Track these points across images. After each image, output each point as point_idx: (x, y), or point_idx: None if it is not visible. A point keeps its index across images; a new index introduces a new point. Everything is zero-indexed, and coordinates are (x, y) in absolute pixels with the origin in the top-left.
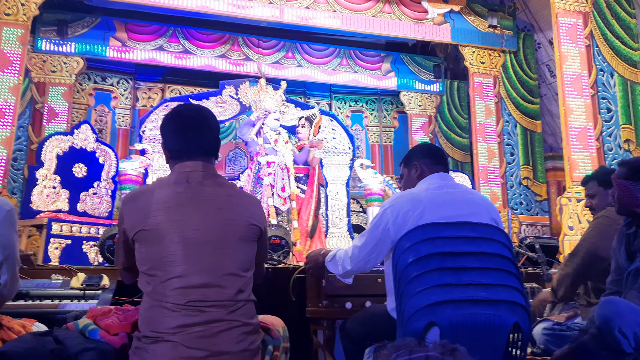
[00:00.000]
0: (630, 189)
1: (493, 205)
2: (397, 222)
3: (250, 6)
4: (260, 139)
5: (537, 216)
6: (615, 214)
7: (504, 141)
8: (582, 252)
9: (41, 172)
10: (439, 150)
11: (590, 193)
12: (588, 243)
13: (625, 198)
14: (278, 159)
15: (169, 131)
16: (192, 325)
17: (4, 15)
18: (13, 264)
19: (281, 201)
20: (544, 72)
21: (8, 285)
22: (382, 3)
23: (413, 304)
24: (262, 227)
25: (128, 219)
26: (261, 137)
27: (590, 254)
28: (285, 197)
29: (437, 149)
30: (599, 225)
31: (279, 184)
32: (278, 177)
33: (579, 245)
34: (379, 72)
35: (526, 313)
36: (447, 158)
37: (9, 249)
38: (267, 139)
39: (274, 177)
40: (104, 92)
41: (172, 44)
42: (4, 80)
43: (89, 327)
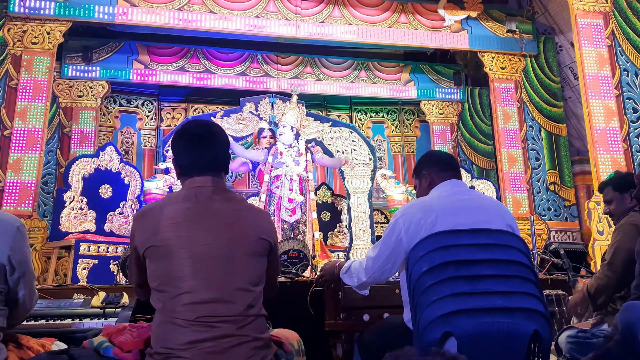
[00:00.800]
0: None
1: (508, 210)
2: (410, 232)
3: (267, 25)
4: (270, 157)
5: (566, 222)
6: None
7: (529, 146)
8: (619, 260)
9: (68, 194)
10: (447, 156)
11: (607, 199)
12: (624, 251)
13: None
14: (283, 170)
15: (178, 147)
16: (203, 341)
17: (30, 44)
18: (29, 279)
19: (288, 212)
20: (567, 74)
21: (27, 299)
22: (398, 14)
23: (428, 314)
24: (272, 241)
25: (138, 236)
26: (271, 156)
27: (627, 263)
28: (293, 207)
29: (445, 155)
30: (629, 232)
31: (285, 195)
32: (285, 189)
33: (614, 255)
34: (398, 82)
35: (546, 320)
36: (457, 163)
37: (24, 265)
38: (276, 154)
39: (282, 189)
40: (129, 114)
41: (193, 65)
42: (32, 106)
43: (103, 345)
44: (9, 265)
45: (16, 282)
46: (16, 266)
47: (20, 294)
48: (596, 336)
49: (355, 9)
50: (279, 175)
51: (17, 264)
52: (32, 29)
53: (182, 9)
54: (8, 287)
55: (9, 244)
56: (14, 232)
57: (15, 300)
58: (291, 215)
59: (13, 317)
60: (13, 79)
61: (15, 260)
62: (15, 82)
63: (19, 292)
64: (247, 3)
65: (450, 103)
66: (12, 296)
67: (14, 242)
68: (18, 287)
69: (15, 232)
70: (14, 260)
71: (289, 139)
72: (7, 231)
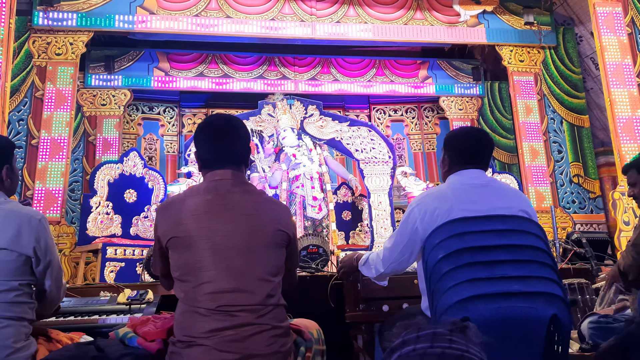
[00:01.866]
0: None
1: (525, 196)
2: (425, 220)
3: (283, 27)
4: (283, 165)
5: (592, 214)
6: None
7: (550, 139)
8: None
9: (94, 200)
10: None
11: (631, 182)
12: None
13: None
14: (301, 170)
15: (200, 141)
16: (224, 329)
17: (54, 55)
18: (56, 269)
19: (315, 210)
20: (589, 65)
21: (54, 289)
22: (413, 10)
23: (445, 300)
24: (290, 233)
25: (161, 227)
26: (284, 163)
27: None
28: (318, 204)
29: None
30: None
31: (309, 194)
32: (307, 187)
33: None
34: (416, 79)
35: (564, 304)
36: (480, 150)
37: (49, 255)
38: (289, 158)
39: (304, 188)
40: (151, 121)
41: (212, 70)
42: (58, 116)
43: (128, 335)
44: (34, 256)
45: (42, 273)
46: (41, 257)
47: (47, 285)
48: (618, 321)
49: (371, 7)
50: (297, 176)
51: (42, 255)
52: (55, 41)
53: (200, 15)
54: (35, 279)
55: (33, 235)
56: (37, 224)
57: (43, 291)
58: (318, 212)
59: (42, 308)
60: (39, 89)
61: (40, 251)
62: (41, 93)
63: (46, 283)
64: (262, 6)
65: (470, 98)
66: (39, 287)
67: (37, 234)
68: (45, 278)
69: (37, 224)
70: (39, 251)
71: (294, 140)
72: (30, 224)
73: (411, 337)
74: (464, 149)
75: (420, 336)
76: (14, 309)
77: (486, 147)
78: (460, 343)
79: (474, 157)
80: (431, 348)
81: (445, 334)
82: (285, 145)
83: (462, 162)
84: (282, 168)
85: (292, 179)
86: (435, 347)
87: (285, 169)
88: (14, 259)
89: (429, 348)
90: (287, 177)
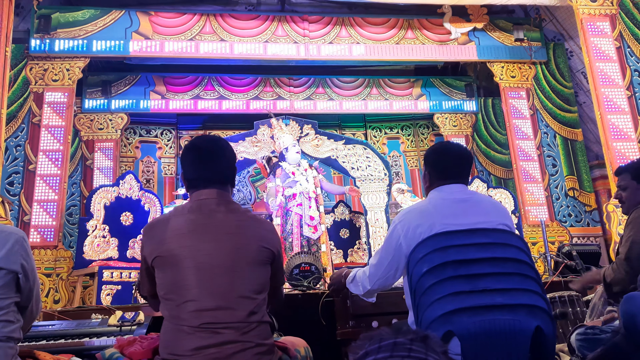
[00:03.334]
0: None
1: (505, 209)
2: (409, 237)
3: (276, 49)
4: (278, 180)
5: (588, 227)
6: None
7: (544, 153)
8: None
9: (91, 223)
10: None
11: (622, 185)
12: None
13: None
14: (300, 188)
15: (186, 161)
16: (208, 347)
17: (51, 82)
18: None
19: (311, 230)
20: (580, 79)
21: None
22: (405, 30)
23: (429, 314)
24: (275, 250)
25: (147, 247)
26: (279, 178)
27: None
28: (315, 224)
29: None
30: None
31: (306, 213)
32: (305, 207)
33: (631, 250)
34: (410, 97)
35: (548, 316)
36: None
37: (34, 273)
38: (287, 175)
39: (302, 207)
40: (149, 144)
41: (208, 92)
42: (55, 141)
43: (114, 356)
44: (22, 273)
45: (29, 289)
46: (29, 273)
47: (32, 301)
48: (605, 332)
49: (362, 28)
50: (294, 194)
51: (29, 272)
52: (52, 67)
53: (194, 39)
54: (19, 296)
55: (20, 252)
56: (22, 242)
57: (24, 308)
58: (314, 232)
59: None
60: (36, 115)
61: (28, 268)
62: (38, 119)
63: (31, 300)
64: (256, 29)
65: (464, 115)
66: (23, 304)
67: (23, 252)
68: (31, 295)
69: (23, 242)
70: (27, 268)
71: (296, 159)
72: (18, 241)
73: (373, 348)
74: (444, 165)
75: (382, 346)
76: (2, 329)
77: (465, 161)
78: (419, 352)
79: (454, 172)
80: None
81: (406, 343)
82: (286, 162)
83: (442, 177)
84: (277, 183)
85: (289, 197)
86: (395, 356)
87: (280, 184)
88: (2, 276)
89: (389, 357)
90: (283, 193)
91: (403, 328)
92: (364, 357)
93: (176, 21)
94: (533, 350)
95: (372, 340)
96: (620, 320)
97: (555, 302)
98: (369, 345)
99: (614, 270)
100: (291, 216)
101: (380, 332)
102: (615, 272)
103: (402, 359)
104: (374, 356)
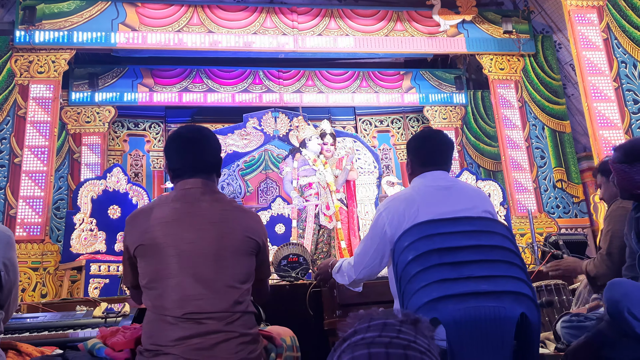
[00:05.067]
0: (628, 172)
1: (488, 198)
2: (394, 224)
3: (265, 41)
4: (295, 162)
5: (576, 218)
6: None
7: (533, 145)
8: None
9: (78, 217)
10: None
11: (598, 184)
12: (618, 239)
13: (624, 182)
14: (318, 178)
15: (170, 151)
16: (191, 337)
17: (37, 74)
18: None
19: (327, 219)
20: (568, 71)
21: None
22: (394, 22)
23: (415, 301)
24: (260, 241)
25: (129, 236)
26: (296, 161)
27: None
28: (331, 214)
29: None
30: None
31: (323, 202)
32: (322, 196)
33: (611, 245)
34: (400, 90)
35: (533, 303)
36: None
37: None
38: (306, 161)
39: (318, 197)
40: (137, 137)
41: (196, 85)
42: (41, 134)
43: (96, 346)
44: (4, 270)
45: (9, 287)
46: (10, 271)
47: (10, 299)
48: (590, 319)
49: (352, 20)
50: (310, 183)
51: (11, 269)
52: (37, 59)
53: (182, 31)
54: (1, 293)
55: (2, 250)
56: (7, 240)
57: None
58: (330, 221)
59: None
60: (21, 107)
61: (9, 266)
62: (24, 111)
63: (10, 297)
64: (244, 21)
65: (454, 107)
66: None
67: (6, 249)
68: (11, 292)
69: (8, 239)
70: (9, 266)
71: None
72: (2, 239)
73: (362, 327)
74: (425, 150)
75: (371, 326)
76: None
77: (446, 147)
78: (408, 334)
79: (436, 158)
80: (379, 337)
81: (395, 325)
82: (308, 150)
83: (424, 164)
84: (294, 166)
85: (305, 186)
86: (384, 336)
87: (296, 167)
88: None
89: (377, 337)
90: (297, 177)
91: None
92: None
93: (163, 12)
94: (518, 337)
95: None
96: (604, 307)
97: (542, 290)
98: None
99: (595, 265)
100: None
101: (370, 312)
102: (597, 268)
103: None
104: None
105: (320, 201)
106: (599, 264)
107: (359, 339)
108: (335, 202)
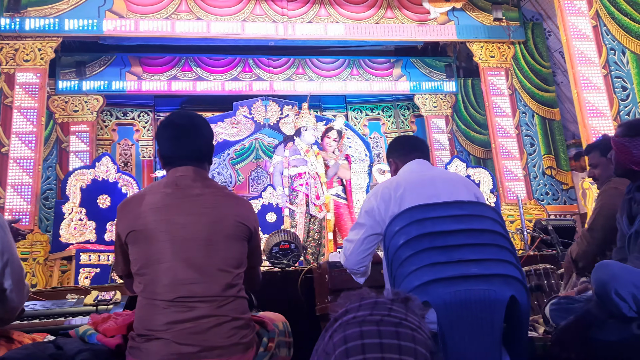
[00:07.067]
0: (627, 146)
1: (473, 183)
2: (382, 209)
3: (254, 28)
4: (287, 151)
5: (565, 205)
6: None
7: (523, 132)
8: (599, 226)
9: (67, 206)
10: (410, 140)
11: (593, 163)
12: (604, 217)
13: (622, 156)
14: (308, 168)
15: (162, 139)
16: (183, 321)
17: (23, 62)
18: (16, 269)
19: (317, 209)
20: (558, 59)
21: (15, 290)
22: (384, 9)
23: (406, 285)
24: (252, 227)
25: (121, 223)
26: (288, 150)
27: (607, 228)
28: (321, 204)
29: (407, 139)
30: (610, 198)
31: (312, 192)
32: (311, 186)
33: (595, 220)
34: (390, 78)
35: (522, 286)
36: (422, 145)
37: (7, 253)
38: (298, 151)
39: (308, 187)
40: (126, 127)
41: (185, 73)
42: (28, 123)
43: (87, 332)
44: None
45: (1, 271)
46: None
47: (6, 284)
48: (578, 301)
49: (342, 7)
50: (300, 173)
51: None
52: (23, 47)
53: (170, 18)
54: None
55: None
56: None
57: (3, 291)
58: (320, 211)
59: (4, 311)
60: (8, 96)
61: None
62: (10, 100)
63: (5, 283)
64: (233, 8)
65: (444, 95)
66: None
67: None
68: (4, 278)
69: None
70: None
71: (311, 140)
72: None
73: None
74: (404, 144)
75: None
76: None
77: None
78: (399, 312)
79: (415, 148)
80: (370, 315)
81: (386, 303)
82: (302, 139)
83: (406, 155)
84: (285, 155)
85: (295, 176)
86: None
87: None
88: None
89: (369, 315)
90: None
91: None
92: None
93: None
94: (508, 319)
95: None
96: (592, 289)
97: (531, 275)
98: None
99: (578, 243)
100: (297, 195)
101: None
102: (579, 245)
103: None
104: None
105: (308, 190)
106: (580, 241)
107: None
108: (326, 193)
